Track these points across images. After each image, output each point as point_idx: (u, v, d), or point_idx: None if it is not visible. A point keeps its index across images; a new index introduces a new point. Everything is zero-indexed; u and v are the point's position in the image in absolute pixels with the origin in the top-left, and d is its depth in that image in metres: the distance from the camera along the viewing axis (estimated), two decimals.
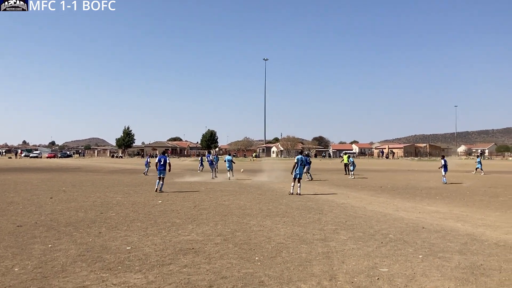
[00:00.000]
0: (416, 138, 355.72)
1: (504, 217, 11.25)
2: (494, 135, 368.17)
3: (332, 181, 24.57)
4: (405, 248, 7.31)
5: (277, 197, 15.37)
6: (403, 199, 15.25)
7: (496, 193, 17.62)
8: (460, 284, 5.30)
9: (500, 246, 7.56)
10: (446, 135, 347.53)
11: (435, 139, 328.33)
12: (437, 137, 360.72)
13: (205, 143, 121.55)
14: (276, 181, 24.41)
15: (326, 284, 5.29)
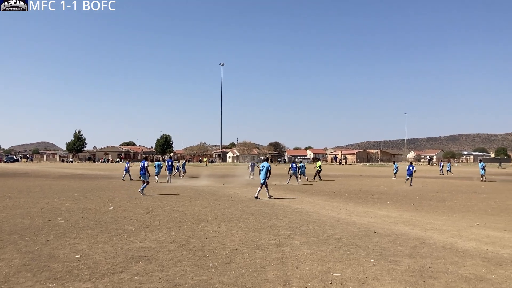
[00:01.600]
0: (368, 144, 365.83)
1: (450, 221, 11.70)
2: (441, 142, 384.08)
3: (288, 187, 24.77)
4: (358, 252, 7.44)
5: (233, 203, 15.31)
6: (356, 204, 15.57)
7: (443, 198, 18.33)
8: (410, 287, 5.44)
9: (447, 249, 7.84)
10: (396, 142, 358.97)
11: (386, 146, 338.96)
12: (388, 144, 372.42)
13: (160, 148, 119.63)
14: (231, 186, 24.36)
15: None
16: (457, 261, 6.88)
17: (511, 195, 20.28)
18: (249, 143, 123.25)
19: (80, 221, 10.78)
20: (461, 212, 13.53)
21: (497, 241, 8.70)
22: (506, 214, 13.05)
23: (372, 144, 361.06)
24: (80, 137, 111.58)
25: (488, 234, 9.49)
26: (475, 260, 6.92)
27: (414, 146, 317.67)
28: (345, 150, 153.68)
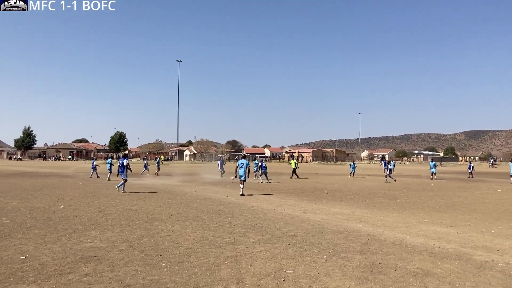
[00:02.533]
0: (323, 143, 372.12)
1: (400, 217, 12.06)
2: (394, 141, 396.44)
3: (245, 184, 24.74)
4: (311, 249, 7.54)
5: (188, 201, 15.17)
6: (310, 202, 15.79)
7: (394, 196, 18.89)
8: (360, 283, 5.56)
9: (397, 245, 8.08)
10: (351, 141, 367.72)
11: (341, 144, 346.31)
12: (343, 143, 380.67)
13: (114, 145, 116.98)
14: (187, 184, 24.16)
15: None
16: (406, 256, 7.10)
17: (458, 192, 21.16)
18: (207, 141, 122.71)
19: (27, 220, 10.36)
20: (411, 209, 13.98)
21: (443, 236, 9.05)
22: (452, 211, 13.60)
23: (327, 143, 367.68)
24: (29, 134, 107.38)
25: (436, 230, 9.86)
26: (422, 256, 7.17)
27: (367, 145, 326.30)
28: (301, 148, 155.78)
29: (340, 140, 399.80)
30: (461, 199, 17.70)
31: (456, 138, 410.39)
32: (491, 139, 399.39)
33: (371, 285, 5.45)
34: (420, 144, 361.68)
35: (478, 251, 7.61)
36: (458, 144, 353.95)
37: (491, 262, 6.81)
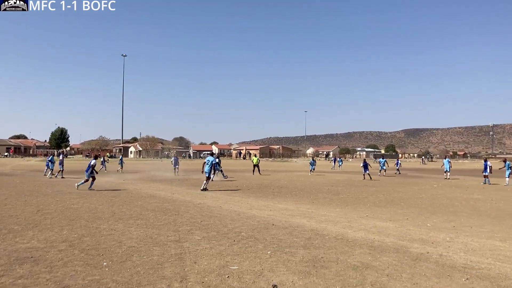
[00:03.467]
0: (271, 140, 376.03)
1: (343, 212, 12.41)
2: (338, 139, 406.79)
3: (191, 182, 24.58)
4: (256, 245, 7.60)
5: (132, 199, 14.84)
6: (257, 198, 15.91)
7: (337, 191, 19.41)
8: (303, 277, 5.67)
9: (339, 239, 8.31)
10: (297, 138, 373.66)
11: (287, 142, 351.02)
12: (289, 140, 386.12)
13: (55, 142, 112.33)
14: (132, 182, 23.63)
15: (177, 286, 5.23)
16: (347, 250, 7.32)
17: (397, 188, 22.05)
18: (153, 138, 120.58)
19: None
20: (353, 204, 14.42)
21: (383, 230, 9.41)
22: (391, 206, 14.17)
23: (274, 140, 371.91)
24: None
25: (376, 224, 10.23)
26: (363, 249, 7.42)
27: (313, 142, 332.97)
28: (249, 145, 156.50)
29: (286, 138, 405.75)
30: (400, 194, 18.47)
31: (396, 136, 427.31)
32: (429, 137, 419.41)
33: (313, 279, 5.58)
34: (362, 141, 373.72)
35: (414, 244, 7.97)
36: (398, 142, 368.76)
37: (426, 254, 7.16)
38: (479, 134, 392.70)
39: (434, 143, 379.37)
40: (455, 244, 8.01)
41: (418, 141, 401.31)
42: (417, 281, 5.58)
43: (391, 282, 5.50)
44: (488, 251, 7.45)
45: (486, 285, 5.45)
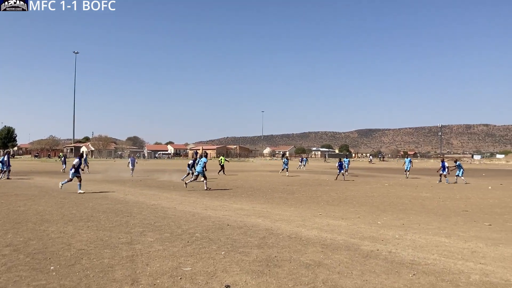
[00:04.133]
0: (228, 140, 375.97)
1: (297, 211, 12.57)
2: (294, 139, 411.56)
3: (145, 182, 24.16)
4: (210, 245, 7.56)
5: (83, 201, 14.40)
6: (212, 198, 15.84)
7: (292, 191, 19.64)
8: (256, 276, 5.69)
9: (292, 238, 8.40)
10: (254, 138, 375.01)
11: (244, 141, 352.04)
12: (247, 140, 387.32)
13: (1, 141, 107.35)
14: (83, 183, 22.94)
15: None
16: (300, 249, 7.41)
17: (350, 187, 22.58)
18: (106, 137, 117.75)
19: None
20: (307, 203, 14.64)
21: (335, 228, 9.60)
22: (344, 204, 14.49)
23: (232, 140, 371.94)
24: None
25: (328, 223, 10.43)
26: (315, 247, 7.53)
27: (270, 142, 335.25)
28: (206, 145, 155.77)
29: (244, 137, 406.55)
30: (353, 193, 18.92)
31: (350, 136, 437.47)
32: (381, 137, 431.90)
33: (266, 278, 5.61)
34: (317, 141, 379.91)
35: (365, 242, 8.18)
36: (351, 142, 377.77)
37: (376, 251, 7.36)
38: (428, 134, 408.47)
39: (386, 143, 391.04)
40: (403, 241, 8.29)
41: (370, 141, 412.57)
42: (367, 278, 5.72)
43: (342, 279, 5.61)
44: (434, 247, 7.75)
45: (431, 280, 5.67)
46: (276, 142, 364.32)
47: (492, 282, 5.60)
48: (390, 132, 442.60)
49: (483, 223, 10.74)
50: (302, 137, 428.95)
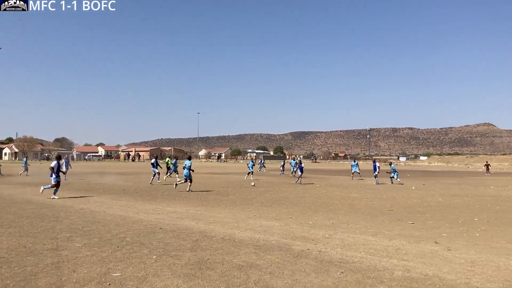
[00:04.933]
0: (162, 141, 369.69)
1: (231, 213, 12.61)
2: (230, 141, 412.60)
3: (73, 185, 23.14)
4: (141, 250, 7.39)
5: (4, 206, 13.55)
6: (145, 202, 15.48)
7: (227, 192, 19.66)
8: (188, 280, 5.65)
9: (226, 240, 8.42)
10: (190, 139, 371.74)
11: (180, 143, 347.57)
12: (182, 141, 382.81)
13: None
14: (3, 186, 21.57)
15: None
16: (233, 250, 7.45)
17: (283, 188, 22.99)
18: (31, 139, 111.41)
19: None
20: (242, 205, 14.72)
21: (268, 229, 9.74)
22: (277, 205, 14.73)
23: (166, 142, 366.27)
24: None
25: (262, 224, 10.56)
26: (248, 249, 7.60)
27: (206, 144, 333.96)
28: (139, 147, 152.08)
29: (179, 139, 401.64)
30: (286, 194, 19.29)
31: (284, 138, 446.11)
32: (313, 139, 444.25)
33: (198, 281, 5.58)
34: (253, 143, 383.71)
35: (297, 242, 8.38)
36: (286, 144, 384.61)
37: (307, 250, 7.56)
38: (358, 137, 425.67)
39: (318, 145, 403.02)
40: (333, 240, 8.58)
41: (304, 143, 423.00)
42: (297, 277, 5.86)
43: (273, 280, 5.71)
44: (362, 246, 8.09)
45: (358, 277, 5.91)
46: (212, 144, 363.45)
47: (413, 277, 5.94)
48: (322, 134, 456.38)
49: (406, 221, 11.35)
50: (238, 139, 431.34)
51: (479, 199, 17.75)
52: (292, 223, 10.86)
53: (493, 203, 16.20)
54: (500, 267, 6.57)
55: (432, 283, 5.66)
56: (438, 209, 14.02)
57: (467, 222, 11.25)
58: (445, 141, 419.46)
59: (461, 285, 5.57)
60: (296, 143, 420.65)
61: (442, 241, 8.66)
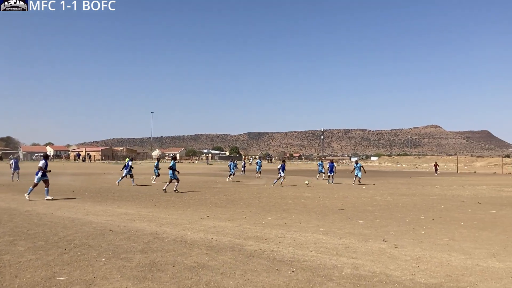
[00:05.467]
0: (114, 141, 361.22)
1: (185, 214, 12.47)
2: (185, 141, 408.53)
3: (19, 186, 22.14)
4: (89, 252, 7.18)
5: None
6: (95, 203, 15.06)
7: (181, 194, 19.42)
8: (138, 282, 5.54)
9: (178, 241, 8.32)
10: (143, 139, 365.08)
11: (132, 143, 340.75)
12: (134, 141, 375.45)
13: None
14: None
15: None
16: (185, 252, 7.38)
17: (238, 188, 23.02)
18: None
19: None
20: (196, 206, 14.60)
21: (221, 230, 9.72)
22: (231, 206, 14.73)
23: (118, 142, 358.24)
24: None
25: (215, 225, 10.51)
26: (200, 250, 7.55)
27: (159, 144, 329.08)
28: (89, 147, 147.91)
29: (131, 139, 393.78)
30: (241, 194, 19.31)
31: (240, 139, 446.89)
32: (269, 140, 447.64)
33: (148, 283, 5.49)
34: (209, 143, 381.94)
35: (249, 242, 8.40)
36: (241, 144, 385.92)
37: (259, 250, 7.60)
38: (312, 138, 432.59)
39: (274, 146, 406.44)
40: (285, 240, 8.67)
41: (259, 143, 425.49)
42: (249, 277, 5.88)
43: (225, 280, 5.70)
44: (313, 244, 8.22)
45: (308, 276, 6.00)
46: (166, 144, 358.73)
47: (361, 274, 6.10)
48: (277, 135, 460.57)
49: (356, 220, 11.65)
50: (193, 139, 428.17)
51: (425, 198, 18.48)
52: (245, 223, 10.89)
53: (438, 202, 16.91)
54: (442, 263, 6.87)
55: (379, 280, 5.83)
56: (387, 208, 14.48)
57: (414, 221, 11.69)
58: (395, 142, 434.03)
59: (406, 281, 5.77)
60: (252, 144, 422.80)
61: (390, 239, 8.95)
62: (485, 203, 16.47)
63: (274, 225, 10.65)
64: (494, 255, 7.51)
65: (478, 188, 25.12)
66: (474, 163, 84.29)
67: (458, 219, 12.10)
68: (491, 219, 12.17)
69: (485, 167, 70.63)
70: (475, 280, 5.88)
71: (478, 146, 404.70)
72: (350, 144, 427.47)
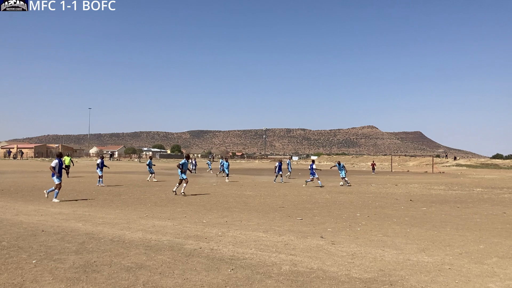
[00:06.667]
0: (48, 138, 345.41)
1: (123, 214, 12.15)
2: (124, 138, 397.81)
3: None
4: (19, 254, 6.82)
5: None
6: (26, 202, 14.32)
7: (119, 192, 18.91)
8: (71, 284, 5.34)
9: (115, 241, 8.09)
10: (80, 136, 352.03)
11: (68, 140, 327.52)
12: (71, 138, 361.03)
13: None
14: None
15: None
16: (122, 252, 7.19)
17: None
18: None
19: None
20: (134, 205, 14.26)
21: (160, 229, 9.56)
22: (172, 205, 14.52)
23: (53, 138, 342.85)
24: None
25: (154, 224, 10.33)
26: (138, 250, 7.39)
27: (98, 142, 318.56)
28: (22, 143, 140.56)
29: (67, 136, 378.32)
30: None
31: (182, 137, 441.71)
32: (212, 138, 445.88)
33: (82, 285, 5.30)
34: (149, 141, 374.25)
35: (189, 241, 8.33)
36: (183, 142, 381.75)
37: (199, 249, 7.55)
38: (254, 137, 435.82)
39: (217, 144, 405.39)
40: (225, 238, 8.68)
41: (202, 142, 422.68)
42: (188, 276, 5.83)
43: (163, 280, 5.62)
44: (253, 242, 8.29)
45: (248, 273, 6.05)
46: (105, 142, 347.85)
47: (299, 271, 6.23)
48: (220, 133, 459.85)
49: (295, 217, 11.87)
50: (133, 136, 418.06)
51: (361, 196, 19.16)
52: (186, 222, 10.79)
53: (373, 199, 17.59)
54: (376, 258, 7.16)
55: (316, 276, 5.99)
56: (325, 206, 14.88)
57: (350, 218, 12.09)
58: (334, 142, 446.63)
59: (342, 277, 5.96)
60: (195, 142, 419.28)
61: (327, 235, 9.20)
62: (417, 200, 17.33)
63: (214, 223, 10.63)
64: (423, 250, 7.92)
65: (410, 186, 26.37)
66: (407, 162, 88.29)
67: (391, 216, 12.65)
68: (421, 215, 12.82)
69: (417, 166, 74.23)
70: (406, 274, 6.18)
71: (411, 146, 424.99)
72: (291, 143, 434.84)
